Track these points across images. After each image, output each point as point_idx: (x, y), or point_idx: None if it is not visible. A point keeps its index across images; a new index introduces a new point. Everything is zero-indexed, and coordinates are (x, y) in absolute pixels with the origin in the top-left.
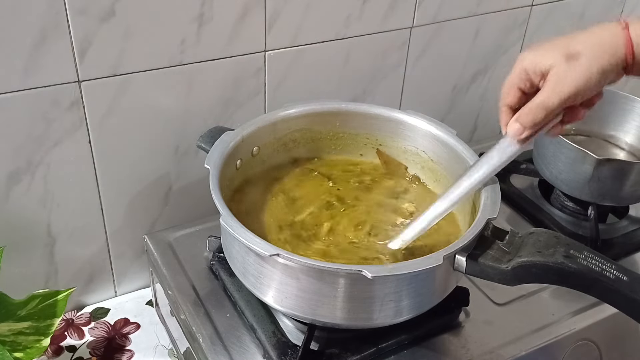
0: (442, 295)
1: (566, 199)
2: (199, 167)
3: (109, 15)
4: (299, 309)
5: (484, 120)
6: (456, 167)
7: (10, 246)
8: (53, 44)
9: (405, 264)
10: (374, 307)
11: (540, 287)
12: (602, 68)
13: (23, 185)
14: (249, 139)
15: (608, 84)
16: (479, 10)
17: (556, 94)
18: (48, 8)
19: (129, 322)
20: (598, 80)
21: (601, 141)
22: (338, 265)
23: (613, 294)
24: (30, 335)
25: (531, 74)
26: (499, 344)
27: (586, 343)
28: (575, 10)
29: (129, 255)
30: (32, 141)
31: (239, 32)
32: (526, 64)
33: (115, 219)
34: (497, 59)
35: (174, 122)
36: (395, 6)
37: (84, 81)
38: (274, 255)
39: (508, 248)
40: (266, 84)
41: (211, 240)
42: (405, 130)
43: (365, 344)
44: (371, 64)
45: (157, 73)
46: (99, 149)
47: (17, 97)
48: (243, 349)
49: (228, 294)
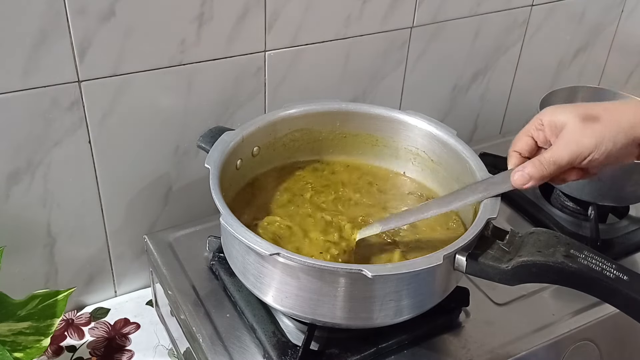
0: (442, 295)
1: (566, 199)
2: (199, 167)
3: (109, 15)
4: (299, 308)
5: (484, 120)
6: (456, 167)
7: (10, 246)
8: (53, 44)
9: (405, 263)
10: (374, 306)
11: (540, 287)
12: (616, 138)
13: (23, 185)
14: (249, 138)
15: (621, 161)
16: (479, 10)
17: (567, 151)
18: (48, 8)
19: (129, 322)
20: (608, 150)
21: None
22: (338, 265)
23: (613, 293)
24: (30, 335)
25: (546, 127)
26: (499, 344)
27: (586, 343)
28: (575, 10)
29: (129, 255)
30: (32, 141)
31: (239, 32)
32: (544, 116)
33: (115, 219)
34: (497, 59)
35: (174, 122)
36: (395, 6)
37: (84, 81)
38: (274, 254)
39: (508, 248)
40: (266, 84)
41: (211, 240)
42: (405, 130)
43: (365, 344)
44: (371, 64)
45: (157, 73)
46: (99, 149)
47: (17, 97)
48: (243, 349)
49: (228, 294)
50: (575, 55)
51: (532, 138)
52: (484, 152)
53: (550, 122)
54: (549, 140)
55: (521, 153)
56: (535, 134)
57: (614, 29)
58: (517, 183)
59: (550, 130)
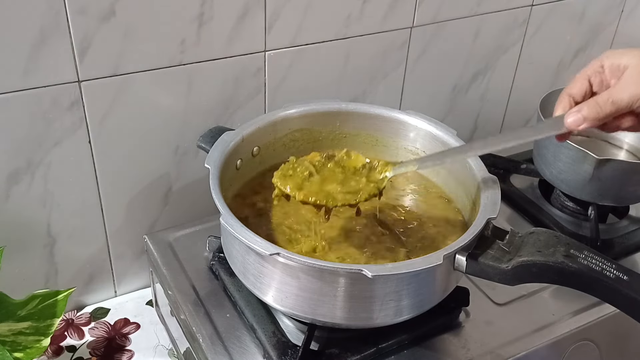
0: (442, 295)
1: (566, 199)
2: (199, 167)
3: (109, 15)
4: (299, 308)
5: (484, 120)
6: (456, 167)
7: (10, 246)
8: (53, 44)
9: (405, 263)
10: (374, 306)
11: (540, 287)
12: None
13: (23, 185)
14: (249, 138)
15: None
16: (479, 10)
17: (627, 92)
18: (48, 8)
19: (129, 322)
20: None
21: (601, 141)
22: (338, 265)
23: (613, 293)
24: (30, 335)
25: (607, 69)
26: (499, 344)
27: (586, 343)
28: (576, 10)
29: (129, 255)
30: (32, 141)
31: (239, 32)
32: (605, 59)
33: (115, 219)
34: (497, 59)
35: (174, 122)
36: (395, 6)
37: (84, 81)
38: (274, 254)
39: (508, 248)
40: (266, 84)
41: (211, 240)
42: (405, 130)
43: (365, 344)
44: (371, 64)
45: (157, 73)
46: (99, 149)
47: (17, 97)
48: (243, 349)
49: (228, 294)
50: (575, 55)
51: (588, 82)
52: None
53: (612, 64)
54: (609, 83)
55: (574, 97)
56: (593, 77)
57: (614, 29)
58: (571, 125)
59: (610, 72)
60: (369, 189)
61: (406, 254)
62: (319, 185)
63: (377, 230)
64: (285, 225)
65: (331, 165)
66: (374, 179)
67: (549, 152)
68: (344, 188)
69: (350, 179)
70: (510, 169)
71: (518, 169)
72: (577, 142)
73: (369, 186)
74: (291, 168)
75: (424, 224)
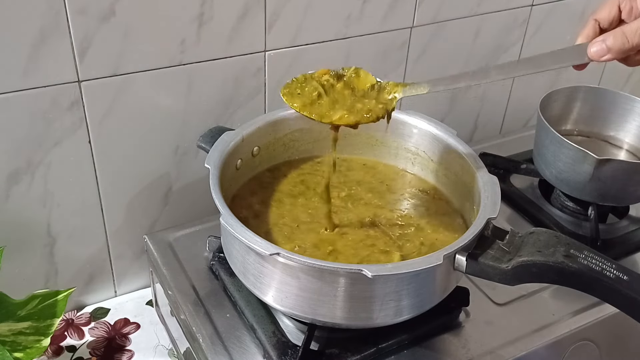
0: (442, 295)
1: (566, 199)
2: (199, 167)
3: (109, 15)
4: (299, 308)
5: (484, 120)
6: (456, 167)
7: (10, 246)
8: (53, 44)
9: (405, 263)
10: (374, 306)
11: (540, 287)
12: None
13: (23, 185)
14: (249, 138)
15: None
16: (479, 10)
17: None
18: (48, 8)
19: (129, 322)
20: None
21: (601, 141)
22: (338, 265)
23: (613, 293)
24: (30, 335)
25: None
26: (499, 344)
27: (586, 343)
28: (575, 10)
29: (129, 255)
30: (32, 141)
31: (239, 32)
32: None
33: (115, 219)
34: (497, 59)
35: (174, 122)
36: (395, 6)
37: (84, 81)
38: (274, 254)
39: (508, 248)
40: (266, 84)
41: (211, 240)
42: (405, 130)
43: (365, 344)
44: (371, 64)
45: (157, 73)
46: (99, 149)
47: (17, 97)
48: (243, 349)
49: (228, 294)
50: None
51: (618, 7)
52: (484, 152)
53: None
54: (638, 12)
55: (600, 22)
56: (623, 4)
57: None
58: (594, 56)
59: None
60: (378, 110)
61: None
62: (328, 109)
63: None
64: (284, 223)
65: (340, 86)
66: (383, 99)
67: (549, 152)
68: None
69: (359, 101)
70: (510, 169)
71: (518, 169)
72: (577, 142)
73: (378, 107)
74: (299, 87)
75: (423, 229)
